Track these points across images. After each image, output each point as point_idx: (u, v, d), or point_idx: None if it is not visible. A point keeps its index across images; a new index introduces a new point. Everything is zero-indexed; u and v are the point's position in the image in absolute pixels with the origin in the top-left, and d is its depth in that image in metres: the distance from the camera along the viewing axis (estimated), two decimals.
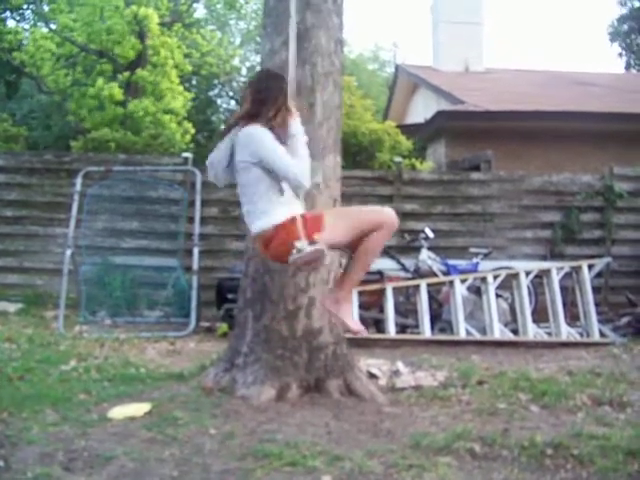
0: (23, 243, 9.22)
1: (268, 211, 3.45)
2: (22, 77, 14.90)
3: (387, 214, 3.67)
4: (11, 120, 13.13)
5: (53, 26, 13.65)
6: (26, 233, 9.23)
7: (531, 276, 7.78)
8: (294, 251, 3.34)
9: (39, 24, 14.51)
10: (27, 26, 15.32)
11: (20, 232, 9.24)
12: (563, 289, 7.78)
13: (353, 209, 3.59)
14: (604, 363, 6.07)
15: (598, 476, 3.18)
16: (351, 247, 3.59)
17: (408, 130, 11.99)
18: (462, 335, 7.22)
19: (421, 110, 14.59)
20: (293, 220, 3.38)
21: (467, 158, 11.20)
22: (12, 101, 16.20)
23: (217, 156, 3.68)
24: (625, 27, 24.67)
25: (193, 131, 12.74)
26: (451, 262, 8.28)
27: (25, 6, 15.02)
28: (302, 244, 3.31)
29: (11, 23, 15.05)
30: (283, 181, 3.45)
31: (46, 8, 14.06)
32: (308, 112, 4.43)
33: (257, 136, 3.46)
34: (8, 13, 15.22)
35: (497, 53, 45.32)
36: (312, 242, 3.34)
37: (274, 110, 3.51)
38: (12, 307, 8.29)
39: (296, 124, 3.54)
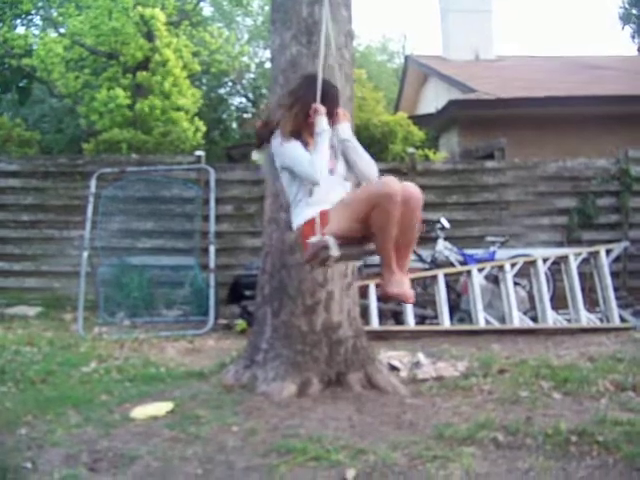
0: (40, 247, 9.27)
1: (299, 212, 3.49)
2: (33, 82, 14.99)
3: (376, 187, 3.26)
4: (24, 125, 13.18)
5: (62, 30, 13.71)
6: (43, 237, 9.28)
7: (548, 263, 7.73)
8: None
9: (48, 29, 14.58)
10: (37, 32, 15.40)
11: (37, 236, 9.28)
12: (581, 275, 7.74)
13: (354, 192, 3.49)
14: (625, 348, 6.01)
15: (624, 462, 3.16)
16: (367, 232, 3.45)
17: (420, 121, 11.93)
18: (481, 324, 7.19)
19: (432, 100, 14.52)
20: (313, 219, 3.38)
21: (480, 147, 11.14)
22: (25, 106, 16.30)
23: None
24: (635, 11, 24.40)
25: (205, 128, 12.75)
26: (468, 252, 8.25)
27: (34, 12, 15.10)
28: (312, 240, 3.30)
29: (20, 29, 15.14)
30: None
31: (55, 13, 14.11)
32: None
33: (274, 148, 3.55)
34: (17, 20, 15.32)
35: (507, 40, 45.01)
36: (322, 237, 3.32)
37: (293, 113, 3.53)
38: (31, 311, 8.34)
39: (320, 123, 3.49)
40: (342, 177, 3.55)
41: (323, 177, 3.40)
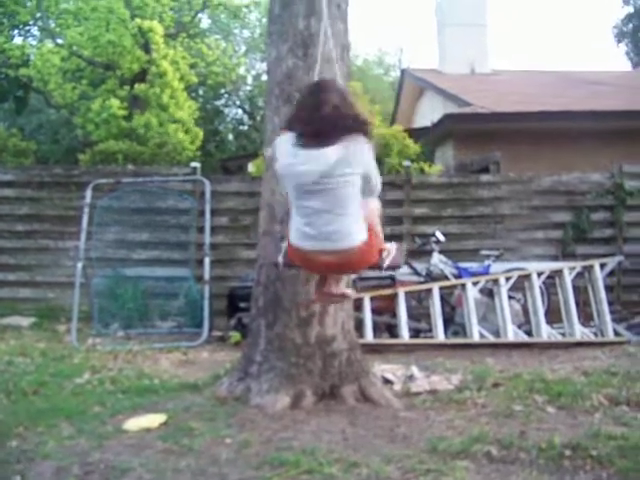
0: (34, 257, 9.25)
1: (364, 226, 3.58)
2: (30, 92, 15.02)
3: None
4: (20, 135, 13.21)
5: (60, 41, 13.75)
6: (37, 247, 9.26)
7: (543, 277, 7.74)
8: None
9: (46, 40, 14.62)
10: (34, 42, 15.45)
11: (31, 246, 9.27)
12: (575, 289, 7.74)
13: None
14: (619, 362, 6.02)
15: (618, 477, 3.16)
16: None
17: (416, 134, 11.95)
18: (476, 338, 7.19)
19: (428, 113, 14.57)
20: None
21: (475, 160, 11.17)
22: (21, 116, 16.32)
23: None
24: (631, 26, 24.57)
25: (201, 136, 12.78)
26: (462, 265, 8.26)
27: (32, 22, 15.14)
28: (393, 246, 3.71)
29: (18, 40, 15.19)
30: None
31: (53, 24, 14.17)
32: None
33: (361, 150, 3.47)
34: (15, 31, 15.37)
35: (502, 54, 45.29)
36: None
37: None
38: (25, 321, 8.31)
39: None
40: None
41: None
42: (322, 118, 3.28)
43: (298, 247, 3.49)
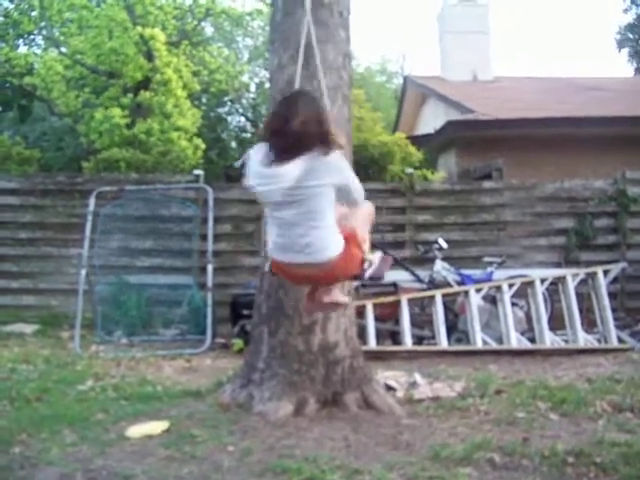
0: (38, 264, 9.27)
1: (339, 238, 3.52)
2: (34, 101, 15.06)
3: None
4: (24, 143, 13.24)
5: (64, 50, 13.81)
6: (41, 254, 9.28)
7: (546, 283, 7.73)
8: None
9: (50, 49, 14.69)
10: (38, 51, 15.52)
11: (35, 253, 9.29)
12: (579, 296, 7.73)
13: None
14: (623, 369, 6.00)
15: None
16: None
17: (418, 141, 11.99)
18: (479, 345, 7.18)
19: (431, 120, 14.60)
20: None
21: (478, 167, 11.19)
22: (25, 124, 16.36)
23: None
24: (631, 35, 24.58)
25: (203, 146, 12.80)
26: (465, 272, 8.25)
27: (36, 31, 15.21)
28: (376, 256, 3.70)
29: (22, 49, 15.26)
30: None
31: (57, 33, 14.22)
32: None
33: (332, 160, 3.42)
34: (20, 40, 15.43)
35: (504, 61, 45.31)
36: None
37: None
38: (28, 328, 8.31)
39: None
40: None
41: None
42: (288, 133, 3.21)
43: (275, 259, 3.49)
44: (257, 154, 3.35)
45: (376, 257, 3.60)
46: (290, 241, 3.34)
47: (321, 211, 3.29)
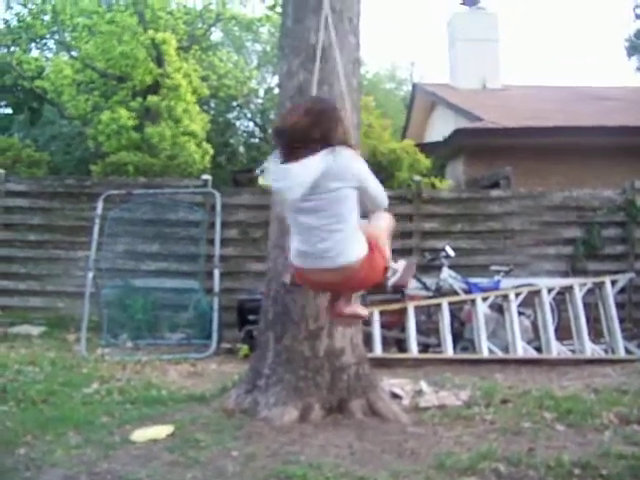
0: (46, 267, 9.30)
1: (361, 239, 3.49)
2: (44, 104, 15.16)
3: None
4: (34, 146, 13.31)
5: (74, 53, 13.89)
6: (48, 257, 9.32)
7: (553, 293, 7.70)
8: None
9: (61, 53, 14.78)
10: (50, 55, 15.61)
11: (43, 256, 9.32)
12: (586, 305, 7.70)
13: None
14: (630, 380, 5.96)
15: None
16: None
17: (427, 148, 11.98)
18: (485, 354, 7.16)
19: (439, 128, 14.60)
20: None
21: (486, 175, 11.17)
22: (35, 127, 16.45)
23: None
24: None
25: (212, 152, 12.83)
26: (472, 280, 8.23)
27: (48, 36, 15.31)
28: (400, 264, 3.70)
29: (35, 53, 15.38)
30: None
31: (68, 37, 14.31)
32: None
33: (348, 161, 3.42)
34: (32, 44, 15.54)
35: (514, 70, 45.28)
36: None
37: None
38: (35, 330, 8.34)
39: None
40: None
41: None
42: (290, 131, 3.24)
43: (297, 266, 3.48)
44: (275, 157, 3.38)
45: (400, 265, 3.55)
46: (312, 246, 3.33)
47: (343, 214, 3.27)
